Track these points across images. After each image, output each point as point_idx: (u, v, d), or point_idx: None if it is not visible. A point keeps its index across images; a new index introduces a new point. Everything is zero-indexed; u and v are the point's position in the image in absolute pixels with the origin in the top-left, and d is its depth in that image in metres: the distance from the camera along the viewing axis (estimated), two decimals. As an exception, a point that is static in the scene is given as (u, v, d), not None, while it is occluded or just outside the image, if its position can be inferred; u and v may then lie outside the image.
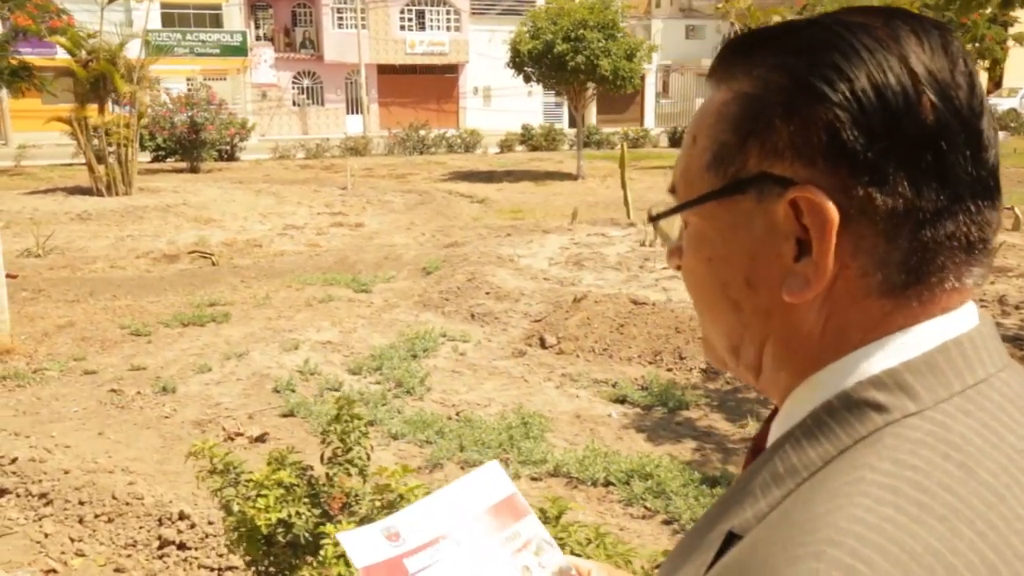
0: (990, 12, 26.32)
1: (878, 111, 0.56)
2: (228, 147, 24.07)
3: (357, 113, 40.35)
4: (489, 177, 20.49)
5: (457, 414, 5.52)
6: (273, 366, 6.51)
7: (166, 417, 5.58)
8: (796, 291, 0.60)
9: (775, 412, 0.67)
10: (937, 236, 0.58)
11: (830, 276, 0.59)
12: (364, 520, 2.75)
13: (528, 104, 43.18)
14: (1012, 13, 27.91)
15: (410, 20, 40.84)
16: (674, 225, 0.70)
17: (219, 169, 22.65)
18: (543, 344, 6.98)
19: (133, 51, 16.44)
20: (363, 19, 38.37)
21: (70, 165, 22.36)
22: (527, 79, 20.39)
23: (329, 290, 9.03)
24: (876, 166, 0.57)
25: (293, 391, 5.93)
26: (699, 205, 0.65)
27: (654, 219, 0.70)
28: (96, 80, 14.54)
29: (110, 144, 14.69)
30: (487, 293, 8.25)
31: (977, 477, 0.53)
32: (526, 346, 7.05)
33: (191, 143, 21.55)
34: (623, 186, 12.66)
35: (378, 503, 2.75)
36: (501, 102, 42.21)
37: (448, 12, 41.16)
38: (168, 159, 23.24)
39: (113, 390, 6.06)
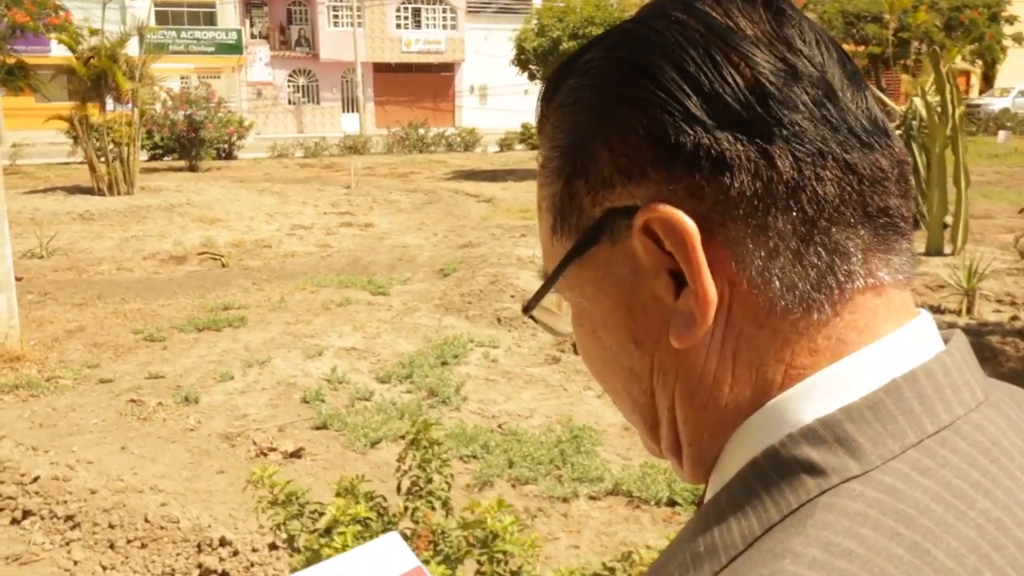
0: (989, 10, 26.35)
1: (690, 92, 0.50)
2: (226, 146, 23.73)
3: (353, 112, 40.03)
4: (493, 176, 20.23)
5: (500, 426, 5.25)
6: (298, 374, 6.23)
7: (191, 430, 5.30)
8: (683, 332, 0.51)
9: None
10: (819, 206, 0.49)
11: (718, 301, 0.50)
12: (453, 561, 2.48)
13: (524, 103, 42.94)
14: (1011, 12, 27.90)
15: (406, 18, 40.55)
16: (562, 314, 0.62)
17: (218, 168, 22.32)
18: (576, 349, 6.71)
19: (130, 49, 16.11)
20: (359, 17, 38.06)
21: (67, 164, 22.00)
22: (532, 77, 20.14)
23: (345, 292, 8.75)
24: (712, 149, 0.49)
25: (323, 401, 5.65)
26: (560, 276, 0.56)
27: (526, 311, 0.61)
28: (97, 77, 14.20)
29: (112, 143, 14.35)
30: (512, 296, 7.99)
31: (934, 563, 0.42)
32: (558, 351, 6.79)
33: (190, 141, 21.21)
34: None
35: (469, 541, 2.48)
36: (497, 101, 41.96)
37: (444, 10, 40.88)
38: (165, 157, 22.89)
39: (132, 400, 5.77)
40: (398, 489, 2.82)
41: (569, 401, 5.74)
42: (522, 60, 19.47)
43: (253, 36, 39.44)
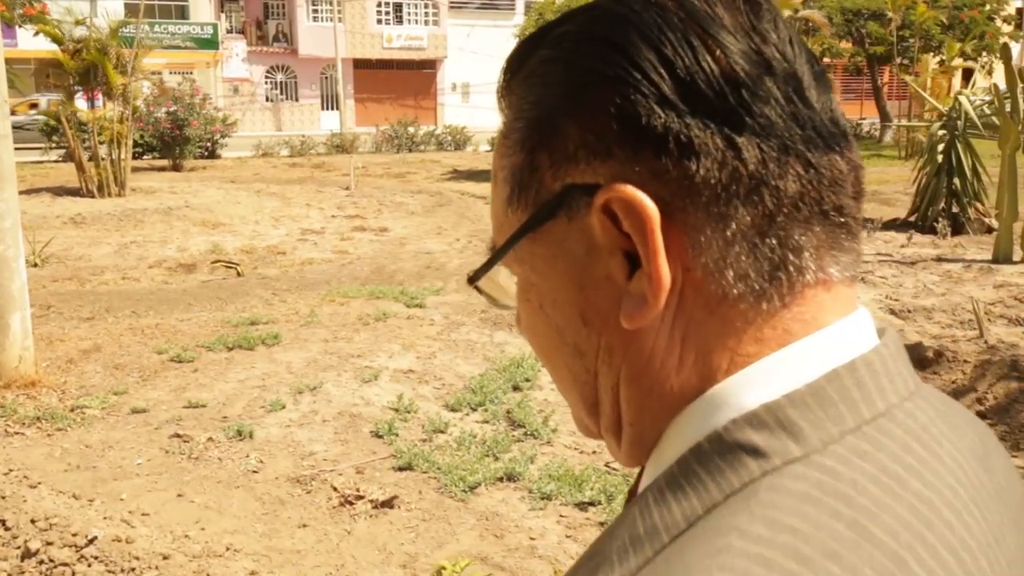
0: (988, 9, 26.24)
1: (665, 75, 0.49)
2: (209, 144, 22.84)
3: (333, 109, 39.15)
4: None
5: (607, 465, 4.66)
6: (358, 402, 5.58)
7: (254, 472, 4.64)
8: (634, 313, 0.50)
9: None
10: (779, 200, 0.49)
11: (671, 286, 0.50)
12: None
13: (507, 101, 42.36)
14: (1010, 11, 27.82)
15: (387, 14, 39.73)
16: (507, 286, 0.61)
17: (203, 167, 21.46)
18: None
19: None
20: (339, 12, 37.18)
21: (40, 163, 21.00)
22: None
23: (379, 305, 8.10)
24: (681, 134, 0.49)
25: (396, 435, 5.02)
26: (511, 248, 0.55)
27: (472, 281, 0.60)
28: (86, 71, 13.32)
29: (102, 142, 13.48)
30: (568, 310, 7.39)
31: (872, 538, 0.43)
32: (635, 373, 6.21)
33: (173, 139, 20.30)
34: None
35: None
36: (480, 99, 41.31)
37: (426, 6, 40.14)
38: (144, 156, 21.93)
39: (177, 435, 5.10)
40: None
41: (671, 432, 5.16)
42: (525, 57, 18.82)
43: (229, 31, 38.37)
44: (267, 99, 38.91)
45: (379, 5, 39.35)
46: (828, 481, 0.45)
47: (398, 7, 39.66)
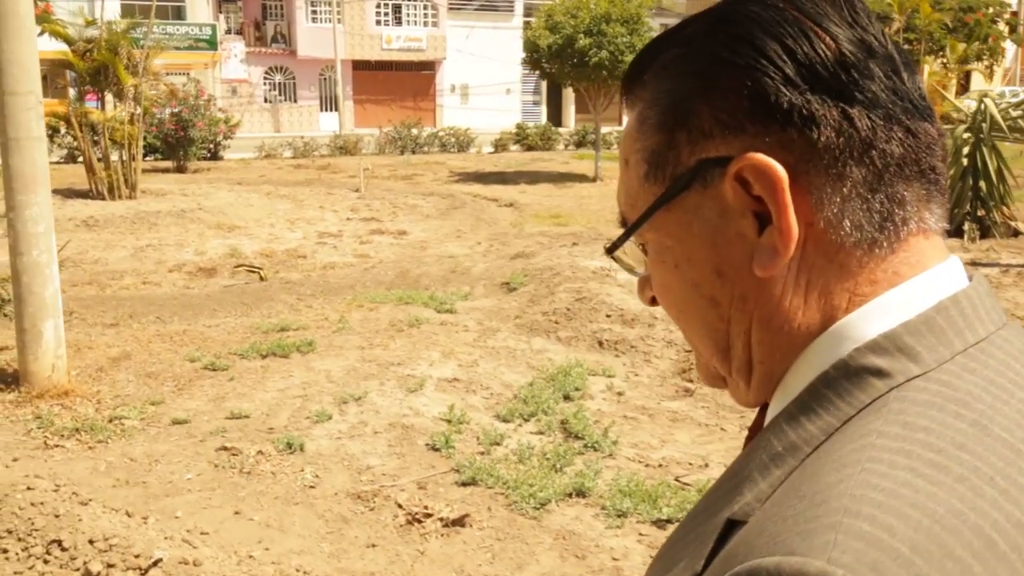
0: (992, 11, 26.24)
1: (788, 60, 0.57)
2: (212, 145, 22.59)
3: (331, 111, 38.88)
4: (502, 179, 19.46)
5: (677, 479, 4.50)
6: (407, 412, 5.41)
7: (311, 487, 4.47)
8: (767, 263, 0.58)
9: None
10: (887, 161, 0.57)
11: (798, 238, 0.57)
12: None
13: (506, 102, 42.15)
14: (1013, 13, 27.83)
15: (386, 15, 39.51)
16: (636, 256, 0.69)
17: (207, 169, 21.23)
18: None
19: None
20: (338, 13, 36.94)
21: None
22: (544, 77, 19.40)
23: (409, 311, 7.92)
24: (804, 109, 0.57)
25: (452, 447, 4.85)
26: (648, 219, 0.63)
27: (610, 250, 0.69)
28: (96, 72, 13.08)
29: (113, 143, 13.24)
30: (608, 316, 7.24)
31: (992, 434, 0.50)
32: (685, 381, 6.07)
33: (177, 141, 20.06)
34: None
35: None
36: (479, 100, 41.11)
37: (425, 7, 39.93)
38: (147, 157, 21.66)
39: (224, 447, 4.92)
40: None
41: (735, 444, 5.01)
42: (534, 59, 18.65)
43: (227, 31, 38.08)
44: (266, 100, 38.63)
45: (378, 6, 39.13)
46: (947, 391, 0.52)
47: (397, 8, 39.45)
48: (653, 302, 0.69)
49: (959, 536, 0.45)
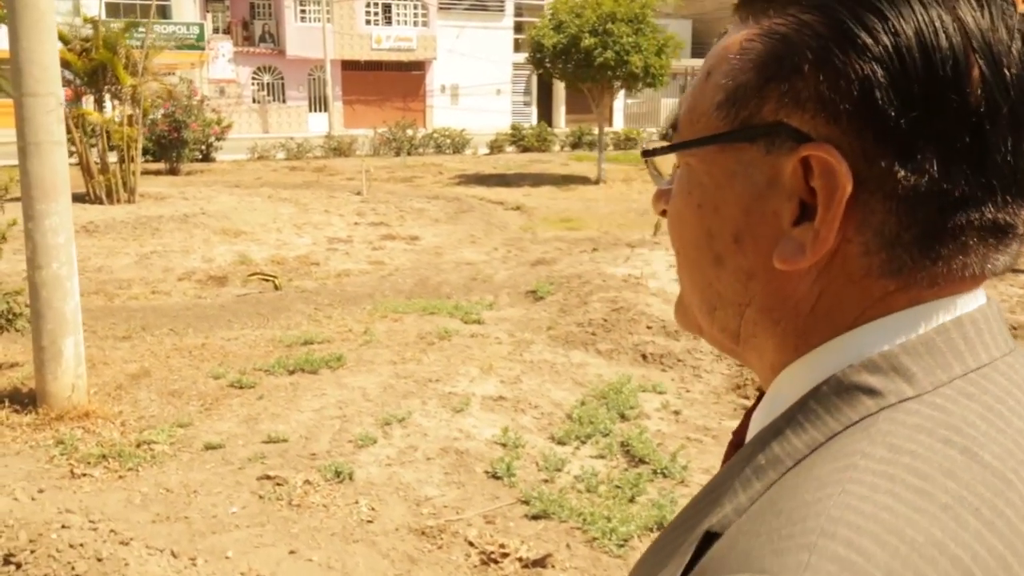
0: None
1: (922, 74, 0.49)
2: (205, 147, 22.13)
3: (321, 111, 38.42)
4: (503, 181, 19.14)
5: (762, 510, 4.20)
6: (457, 435, 5.09)
7: (368, 522, 4.13)
8: (789, 257, 0.54)
9: (757, 403, 0.61)
10: (959, 222, 0.51)
11: (829, 248, 0.53)
12: None
13: (496, 103, 41.80)
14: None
15: (376, 14, 39.09)
16: (667, 165, 0.65)
17: (200, 171, 20.78)
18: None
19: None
20: (327, 12, 36.48)
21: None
22: (548, 76, 19.10)
23: (435, 321, 7.60)
24: (906, 137, 0.50)
25: (514, 475, 4.54)
26: (701, 147, 0.58)
27: (648, 154, 0.64)
28: (94, 72, 12.64)
29: (112, 146, 12.81)
30: (648, 327, 6.94)
31: (982, 462, 0.48)
32: (741, 398, 5.78)
33: (170, 143, 19.60)
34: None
35: None
36: (468, 101, 40.76)
37: (415, 7, 39.54)
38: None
39: (267, 476, 4.58)
40: None
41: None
42: (538, 59, 18.34)
43: (215, 30, 37.53)
44: (254, 100, 38.10)
45: (368, 6, 38.70)
46: (939, 416, 0.49)
47: (387, 8, 39.04)
48: (663, 215, 0.65)
49: (936, 566, 0.43)
